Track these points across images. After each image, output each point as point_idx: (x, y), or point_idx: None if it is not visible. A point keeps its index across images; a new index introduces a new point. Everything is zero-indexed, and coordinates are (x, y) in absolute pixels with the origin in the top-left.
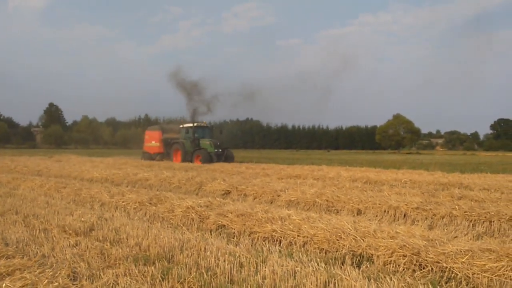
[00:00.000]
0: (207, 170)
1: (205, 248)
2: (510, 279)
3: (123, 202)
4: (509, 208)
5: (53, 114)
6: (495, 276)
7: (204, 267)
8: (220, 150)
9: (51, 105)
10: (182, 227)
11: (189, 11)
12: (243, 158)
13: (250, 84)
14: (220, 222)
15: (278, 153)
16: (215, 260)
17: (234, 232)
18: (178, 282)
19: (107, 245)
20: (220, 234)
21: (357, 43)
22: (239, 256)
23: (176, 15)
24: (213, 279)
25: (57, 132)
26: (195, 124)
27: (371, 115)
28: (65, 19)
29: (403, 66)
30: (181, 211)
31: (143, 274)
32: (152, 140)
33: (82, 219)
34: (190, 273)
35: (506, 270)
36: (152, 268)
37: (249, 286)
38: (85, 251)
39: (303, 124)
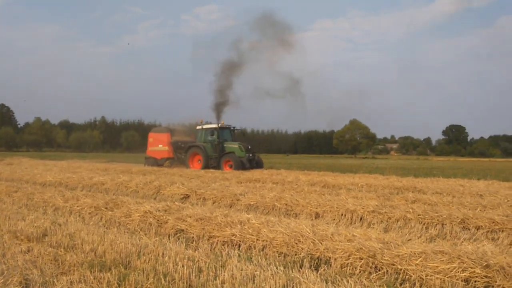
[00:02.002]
0: (165, 174)
1: (163, 253)
2: (462, 280)
3: (77, 206)
4: (460, 211)
5: (4, 115)
6: (447, 277)
7: (162, 272)
8: (251, 155)
9: (2, 106)
10: (139, 232)
11: (149, 12)
12: None
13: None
14: (178, 227)
15: None
16: (173, 265)
17: (193, 237)
18: None
19: (61, 251)
20: (179, 239)
21: (317, 48)
22: (198, 260)
23: (135, 15)
24: (172, 284)
25: (8, 134)
26: (220, 125)
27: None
28: (19, 18)
29: (360, 72)
30: (138, 216)
31: (98, 281)
32: (159, 144)
33: (35, 224)
34: (148, 279)
35: (458, 272)
36: (108, 274)
37: None
38: (38, 257)
39: (262, 128)
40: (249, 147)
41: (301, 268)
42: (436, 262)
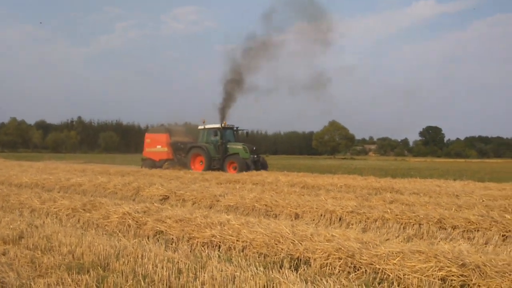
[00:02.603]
0: (144, 175)
1: (142, 255)
2: (438, 279)
3: (55, 208)
4: (437, 211)
5: None
6: (424, 276)
7: (142, 274)
8: (256, 156)
9: None
10: (118, 233)
11: (126, 12)
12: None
13: None
14: (158, 228)
15: None
16: (153, 267)
17: (172, 238)
18: None
19: (38, 254)
20: (158, 241)
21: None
22: (178, 262)
23: (112, 15)
24: (151, 286)
25: None
26: (223, 125)
27: (308, 121)
28: None
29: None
30: (117, 218)
31: (76, 283)
32: (157, 144)
33: (11, 226)
34: (127, 281)
35: (435, 271)
36: (87, 276)
37: None
38: (14, 260)
39: (241, 127)
40: (254, 148)
41: (281, 269)
42: (413, 262)
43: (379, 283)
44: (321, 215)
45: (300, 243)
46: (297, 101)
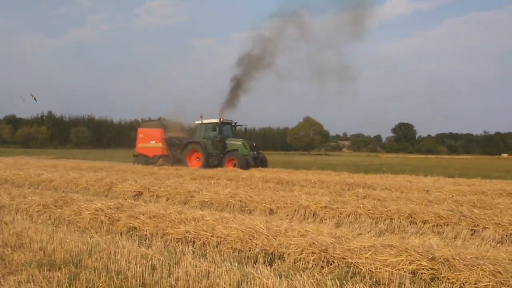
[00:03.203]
0: (117, 171)
1: (115, 252)
2: (409, 273)
3: (25, 204)
4: (408, 206)
5: None
6: (395, 270)
7: (115, 271)
8: (256, 153)
9: None
10: (90, 230)
11: (98, 5)
12: (111, 158)
13: None
14: (131, 224)
15: None
16: (126, 264)
17: (146, 234)
18: (87, 287)
19: (7, 251)
20: (132, 237)
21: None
22: (152, 258)
23: (83, 8)
24: (124, 283)
25: None
26: (222, 120)
27: (282, 117)
28: None
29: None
30: (89, 214)
31: (48, 280)
32: (151, 140)
33: None
34: (100, 277)
35: (405, 264)
36: (58, 273)
37: None
38: None
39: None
40: (254, 144)
41: (255, 264)
42: (385, 255)
43: (351, 277)
44: (295, 210)
45: (274, 238)
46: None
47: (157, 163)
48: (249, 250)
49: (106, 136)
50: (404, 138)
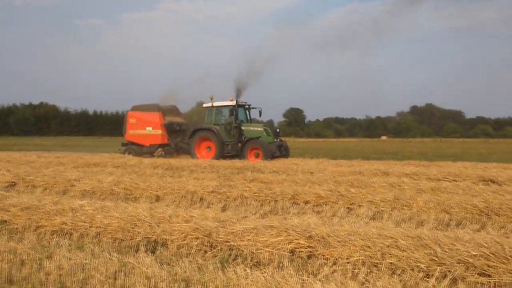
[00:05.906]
0: None
1: None
2: (288, 252)
3: None
4: (292, 188)
5: None
6: (275, 250)
7: None
8: (279, 140)
9: None
10: None
11: None
12: (36, 147)
13: None
14: (0, 218)
15: (78, 141)
16: None
17: (17, 228)
18: None
19: None
20: (1, 231)
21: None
22: (21, 253)
23: None
24: None
25: None
26: (238, 102)
27: None
28: None
29: (206, 55)
30: None
31: None
32: (146, 126)
33: None
34: None
35: (285, 244)
36: None
37: (30, 285)
38: None
39: (105, 109)
40: (278, 130)
41: (136, 253)
42: (266, 236)
43: (233, 259)
44: (182, 196)
45: (158, 226)
46: None
47: (155, 153)
48: (131, 239)
49: None
50: (295, 123)
